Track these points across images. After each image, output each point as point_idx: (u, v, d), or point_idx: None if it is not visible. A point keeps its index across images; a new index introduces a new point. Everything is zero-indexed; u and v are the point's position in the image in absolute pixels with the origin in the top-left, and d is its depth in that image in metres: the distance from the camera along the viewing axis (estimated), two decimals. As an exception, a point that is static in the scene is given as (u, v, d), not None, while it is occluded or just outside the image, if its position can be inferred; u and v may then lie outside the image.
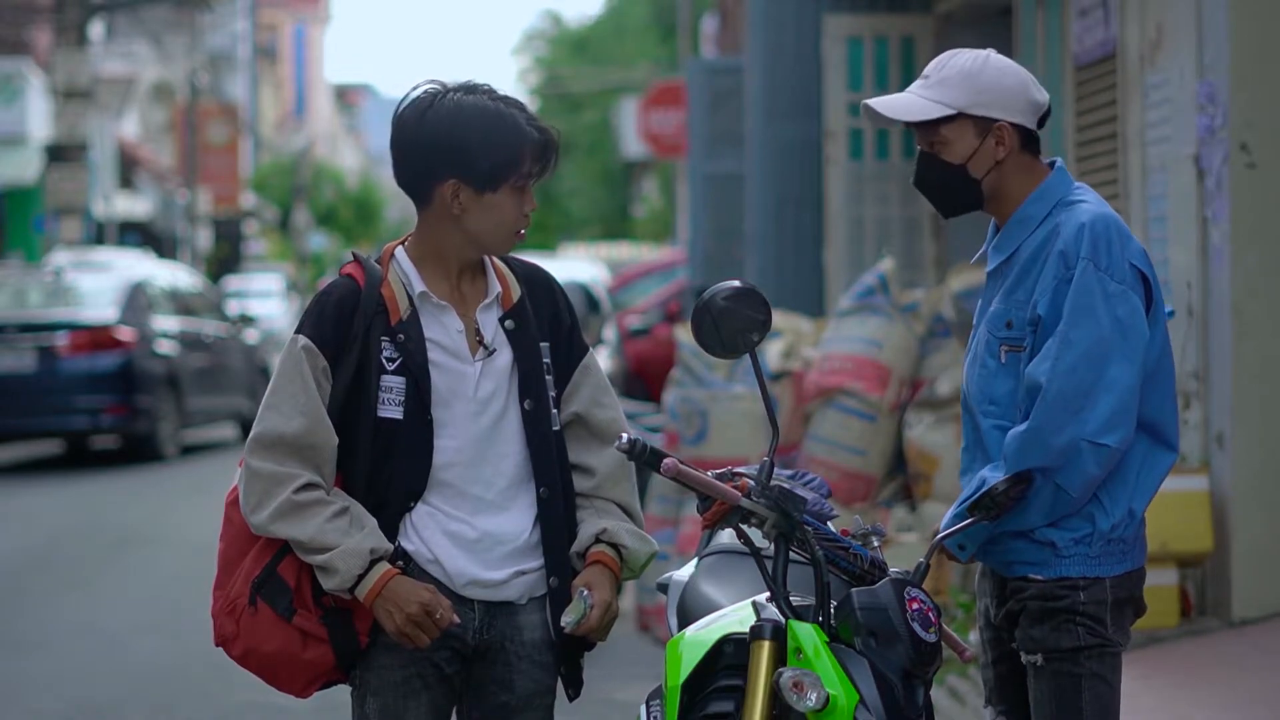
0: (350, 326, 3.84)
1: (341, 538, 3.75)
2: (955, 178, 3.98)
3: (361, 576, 3.76)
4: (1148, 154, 8.54)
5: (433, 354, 3.87)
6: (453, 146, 3.80)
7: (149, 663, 8.99)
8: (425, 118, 3.83)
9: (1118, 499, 3.92)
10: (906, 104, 3.98)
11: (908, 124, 3.98)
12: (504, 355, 3.92)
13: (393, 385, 3.84)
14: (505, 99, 3.87)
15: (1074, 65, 9.51)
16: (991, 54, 3.98)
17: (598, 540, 3.93)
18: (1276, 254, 7.72)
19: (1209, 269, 7.87)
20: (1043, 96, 3.99)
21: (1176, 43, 8.17)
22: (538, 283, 4.02)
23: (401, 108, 3.87)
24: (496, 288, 3.95)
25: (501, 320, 3.93)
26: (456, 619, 3.83)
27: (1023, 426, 3.83)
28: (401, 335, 3.85)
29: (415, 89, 3.89)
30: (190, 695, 8.29)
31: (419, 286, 3.89)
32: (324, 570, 3.76)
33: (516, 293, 3.97)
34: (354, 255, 3.97)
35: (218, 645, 3.92)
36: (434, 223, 3.89)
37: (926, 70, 4.02)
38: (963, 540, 3.95)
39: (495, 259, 3.99)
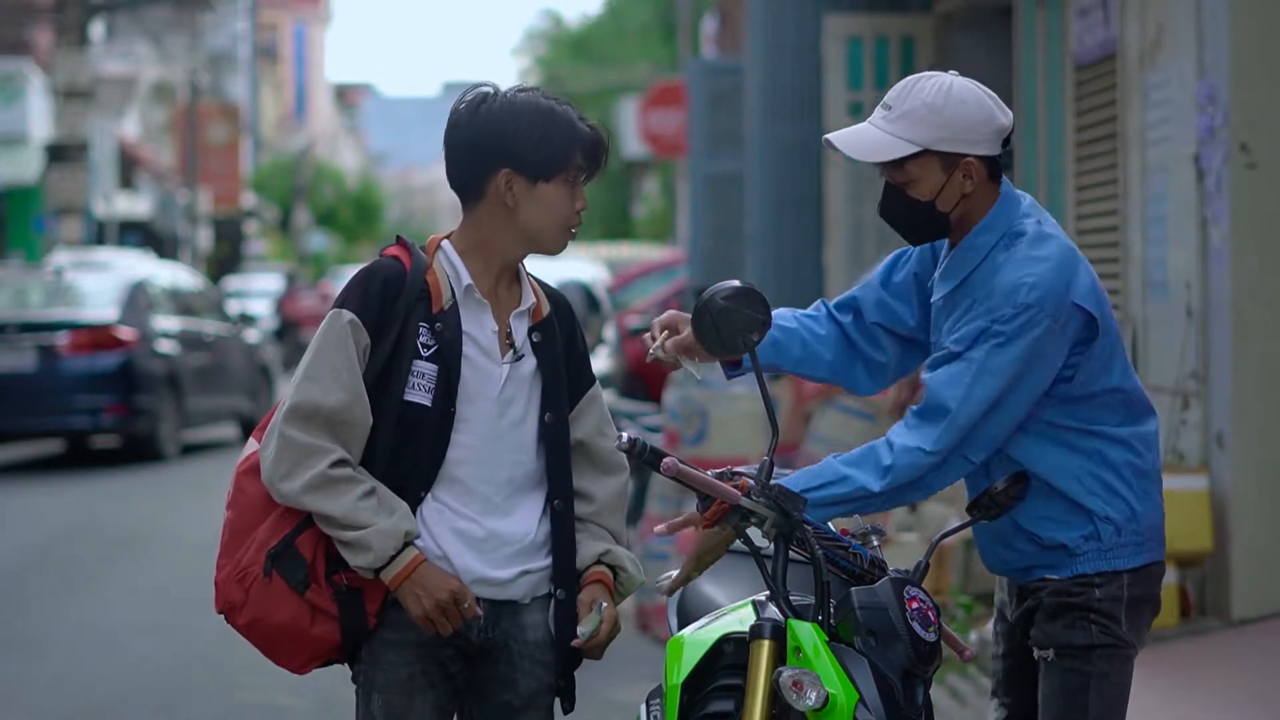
0: (393, 308, 3.87)
1: (373, 517, 3.77)
2: (922, 213, 3.94)
3: (392, 558, 3.77)
4: (1148, 154, 8.55)
5: (467, 348, 3.90)
6: (506, 137, 3.84)
7: (149, 663, 8.99)
8: (479, 112, 3.87)
9: (1113, 502, 3.93)
10: (870, 142, 3.93)
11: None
12: (529, 363, 3.95)
13: (425, 372, 3.86)
14: (557, 98, 3.92)
15: (1074, 65, 9.52)
16: (954, 83, 3.90)
17: (599, 561, 3.98)
18: (1277, 254, 7.73)
19: (1209, 269, 7.87)
20: (1006, 119, 3.92)
21: (1176, 43, 8.18)
22: (560, 306, 4.07)
23: (456, 107, 3.91)
24: (531, 298, 3.99)
25: (530, 331, 3.97)
26: (480, 611, 3.86)
27: (916, 449, 3.81)
28: (440, 324, 3.88)
29: (470, 91, 3.93)
30: (190, 695, 8.29)
31: (466, 279, 3.91)
32: (354, 547, 3.77)
33: (546, 308, 4.02)
34: (399, 238, 4.00)
35: (220, 612, 3.92)
36: (485, 217, 3.91)
37: (888, 99, 3.95)
38: None
39: (530, 275, 4.03)
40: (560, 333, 4.02)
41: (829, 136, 4.01)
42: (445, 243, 3.96)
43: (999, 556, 4.04)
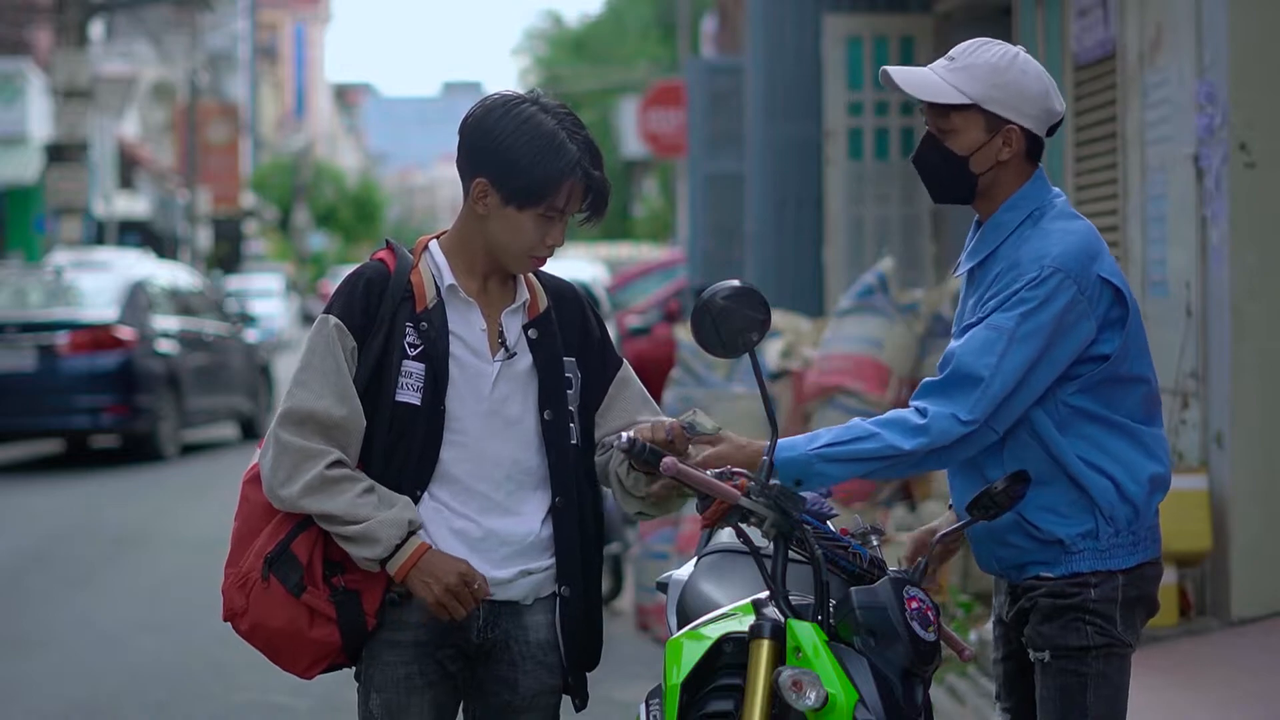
0: (378, 309, 3.88)
1: (374, 511, 3.78)
2: (954, 167, 3.96)
3: (398, 547, 3.77)
4: (1147, 154, 8.55)
5: (453, 346, 3.89)
6: (499, 149, 3.82)
7: (148, 662, 9.00)
8: (490, 113, 3.86)
9: (1122, 502, 3.93)
10: (924, 81, 3.95)
11: (921, 101, 3.97)
12: (524, 360, 3.94)
13: (412, 370, 3.87)
14: (577, 132, 3.86)
15: (1074, 65, 9.52)
16: (1021, 52, 3.96)
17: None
18: (1275, 254, 7.73)
19: (1208, 269, 7.88)
20: (1059, 106, 3.98)
21: (1176, 42, 8.18)
22: (566, 297, 4.04)
23: (492, 97, 3.91)
24: (524, 295, 3.97)
25: (525, 328, 3.96)
26: (490, 592, 3.85)
27: (950, 418, 3.81)
28: (425, 323, 3.88)
29: (512, 90, 3.92)
30: (190, 695, 8.29)
31: (448, 279, 3.91)
32: (359, 541, 3.77)
33: (543, 304, 3.99)
34: (388, 241, 4.01)
35: (225, 620, 3.93)
36: (465, 216, 3.93)
37: (953, 52, 3.99)
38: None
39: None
40: (567, 325, 4.00)
41: (886, 69, 4.01)
42: (433, 243, 3.97)
43: (993, 554, 4.03)
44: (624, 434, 3.79)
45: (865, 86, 13.20)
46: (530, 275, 4.01)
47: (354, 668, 3.98)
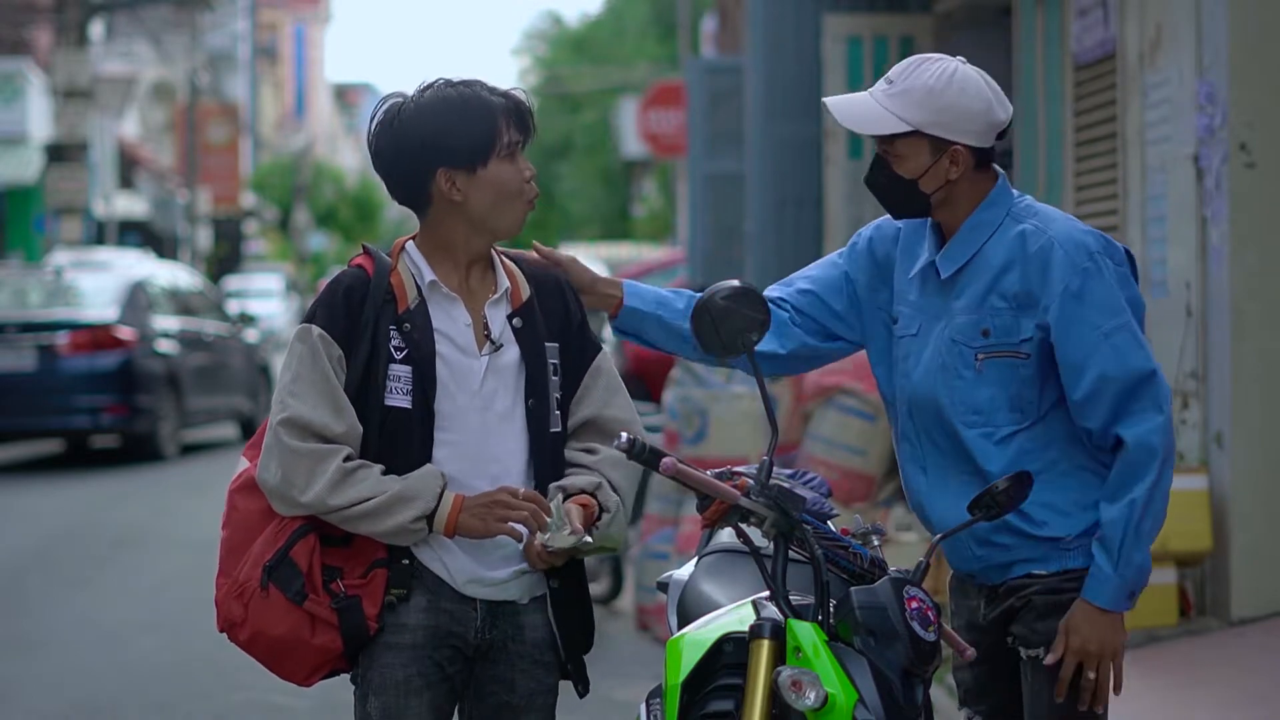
0: (360, 315, 3.85)
1: (400, 480, 3.77)
2: (905, 189, 3.97)
3: (438, 501, 3.76)
4: (1147, 154, 8.55)
5: (439, 345, 3.87)
6: (429, 142, 3.82)
7: (148, 662, 9.00)
8: (394, 128, 3.86)
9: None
10: (864, 112, 3.94)
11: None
12: (510, 352, 3.91)
13: (400, 374, 3.85)
14: (463, 82, 3.88)
15: (1073, 65, 9.52)
16: (959, 69, 3.93)
17: (584, 491, 3.88)
18: (1276, 254, 7.73)
19: (1208, 269, 7.88)
20: (1005, 114, 3.96)
21: (1176, 42, 8.18)
22: (547, 283, 4.02)
23: (372, 130, 3.90)
24: (505, 283, 3.95)
25: (510, 317, 3.93)
26: (542, 499, 3.81)
27: (1156, 421, 3.81)
28: (408, 324, 3.85)
29: (379, 108, 3.92)
30: (190, 694, 8.29)
31: (429, 276, 3.89)
32: (398, 503, 3.74)
33: (526, 292, 3.97)
34: (364, 247, 3.98)
35: (222, 631, 3.91)
36: (438, 218, 3.90)
37: (891, 73, 3.96)
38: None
39: (505, 258, 4.00)
40: (549, 312, 3.97)
41: (827, 100, 4.01)
42: (410, 243, 3.95)
43: (970, 553, 4.02)
44: (624, 434, 3.77)
45: (865, 86, 13.16)
46: (510, 264, 3.98)
47: (351, 671, 3.97)
